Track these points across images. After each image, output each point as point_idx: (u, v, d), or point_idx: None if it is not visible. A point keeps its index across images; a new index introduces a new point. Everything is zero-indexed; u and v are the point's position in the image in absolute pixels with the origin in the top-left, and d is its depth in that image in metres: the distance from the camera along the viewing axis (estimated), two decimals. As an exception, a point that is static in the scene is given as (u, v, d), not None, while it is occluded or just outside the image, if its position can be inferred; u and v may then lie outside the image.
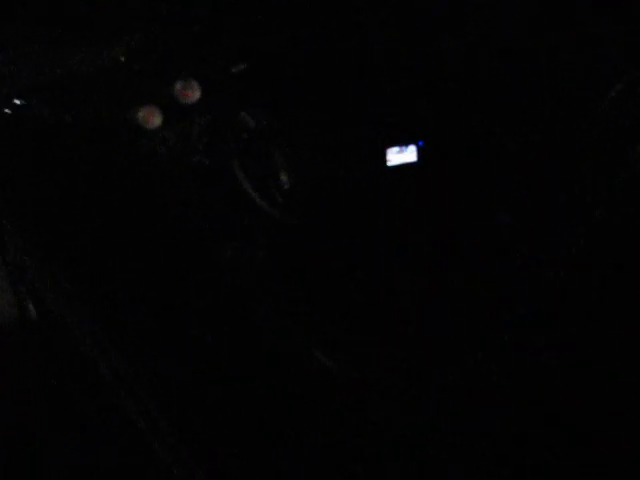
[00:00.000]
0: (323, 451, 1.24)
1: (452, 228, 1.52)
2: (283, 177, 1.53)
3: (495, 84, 1.55)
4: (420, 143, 1.58)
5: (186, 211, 1.52)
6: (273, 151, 1.53)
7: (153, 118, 1.45)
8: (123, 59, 1.48)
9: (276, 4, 1.56)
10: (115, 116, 1.48)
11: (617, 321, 1.35)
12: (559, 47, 1.47)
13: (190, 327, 1.36)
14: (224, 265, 1.48)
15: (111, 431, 1.37)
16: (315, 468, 1.23)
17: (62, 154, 1.51)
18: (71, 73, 1.47)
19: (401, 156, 1.58)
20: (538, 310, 1.37)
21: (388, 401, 1.31)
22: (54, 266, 1.44)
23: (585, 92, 1.45)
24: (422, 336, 1.38)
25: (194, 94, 1.48)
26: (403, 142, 1.58)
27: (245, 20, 1.56)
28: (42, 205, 1.49)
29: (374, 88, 1.59)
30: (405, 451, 1.25)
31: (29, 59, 1.46)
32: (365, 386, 1.33)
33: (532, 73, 1.50)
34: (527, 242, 1.44)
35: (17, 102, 1.47)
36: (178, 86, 1.46)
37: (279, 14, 1.57)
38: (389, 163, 1.58)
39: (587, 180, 1.43)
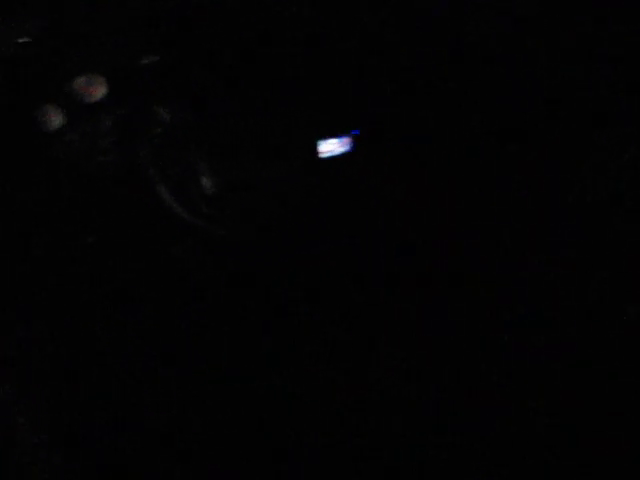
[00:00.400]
0: (323, 451, 1.24)
1: (397, 216, 1.45)
2: (205, 180, 1.38)
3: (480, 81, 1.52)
4: (355, 132, 1.47)
5: (99, 218, 1.38)
6: (192, 149, 1.39)
7: (53, 119, 1.32)
8: (26, 39, 1.31)
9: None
10: (12, 119, 1.34)
11: (617, 321, 1.35)
12: (559, 47, 1.47)
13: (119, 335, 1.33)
14: (159, 270, 1.39)
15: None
16: (315, 468, 1.23)
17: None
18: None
19: (334, 146, 1.46)
20: (538, 310, 1.37)
21: (388, 401, 1.31)
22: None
23: (585, 92, 1.45)
24: (423, 336, 1.38)
25: (99, 90, 1.33)
26: (336, 132, 1.46)
27: (156, 7, 1.41)
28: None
29: (302, 77, 1.46)
30: (405, 451, 1.25)
31: None
32: (365, 386, 1.33)
33: (531, 73, 1.50)
34: (527, 241, 1.44)
35: None
36: (80, 82, 1.33)
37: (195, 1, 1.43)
38: (322, 155, 1.45)
39: (587, 180, 1.43)
